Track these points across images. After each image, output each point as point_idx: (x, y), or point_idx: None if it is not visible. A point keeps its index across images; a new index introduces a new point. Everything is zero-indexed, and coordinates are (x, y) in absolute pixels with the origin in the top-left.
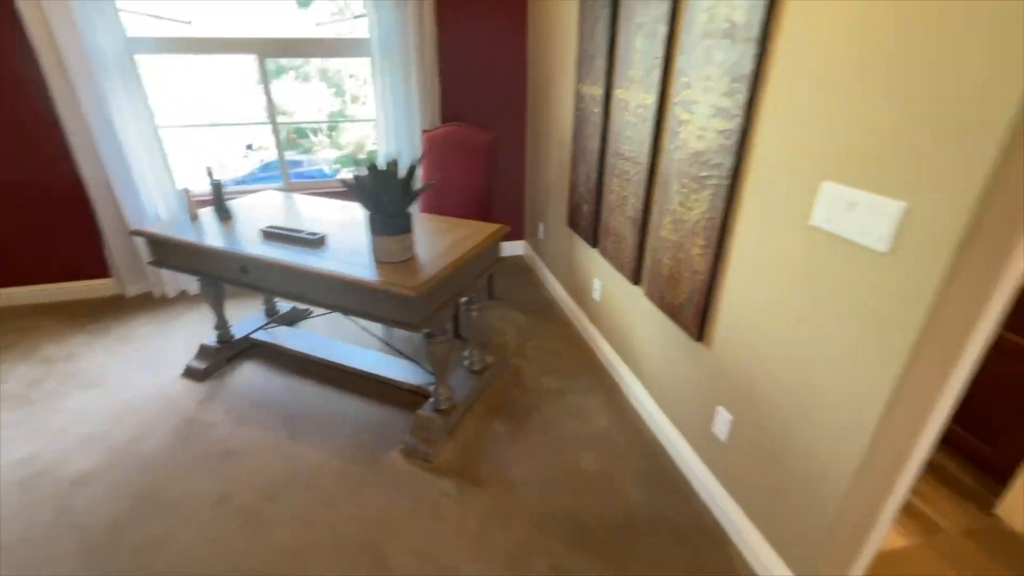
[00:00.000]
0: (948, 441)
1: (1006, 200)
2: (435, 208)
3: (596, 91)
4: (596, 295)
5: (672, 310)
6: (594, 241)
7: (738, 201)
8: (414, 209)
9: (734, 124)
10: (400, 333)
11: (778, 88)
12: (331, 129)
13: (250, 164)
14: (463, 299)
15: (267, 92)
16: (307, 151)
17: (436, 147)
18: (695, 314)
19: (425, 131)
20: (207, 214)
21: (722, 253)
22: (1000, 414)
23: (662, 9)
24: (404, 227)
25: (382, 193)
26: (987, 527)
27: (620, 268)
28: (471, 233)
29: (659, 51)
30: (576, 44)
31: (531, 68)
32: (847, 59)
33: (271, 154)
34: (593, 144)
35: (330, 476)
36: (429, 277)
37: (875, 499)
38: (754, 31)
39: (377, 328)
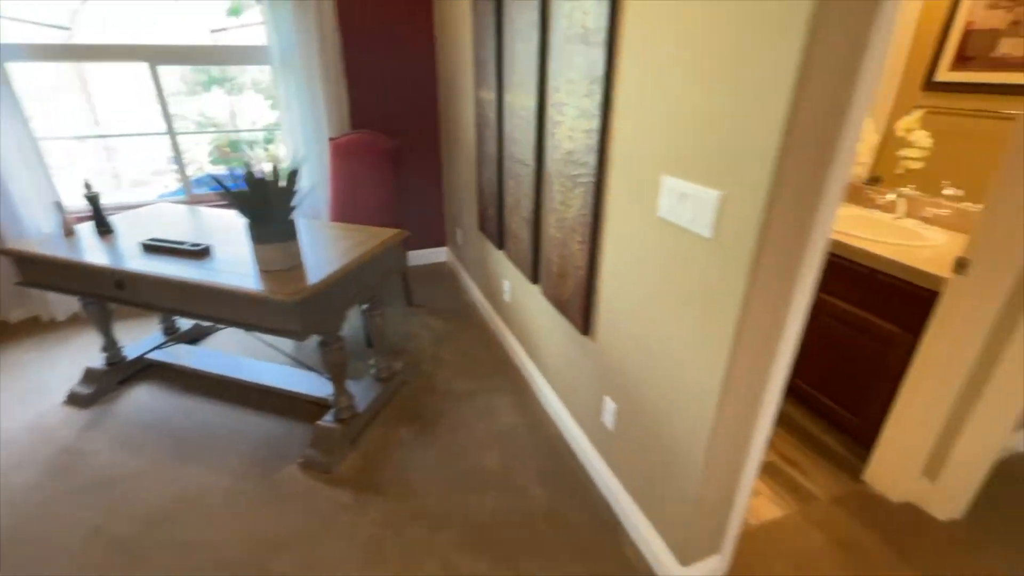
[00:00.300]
0: (822, 413)
1: (793, 188)
2: (344, 216)
3: (490, 96)
4: (507, 296)
5: (562, 305)
6: (500, 243)
7: (604, 197)
8: (323, 216)
9: (594, 124)
10: (308, 345)
11: (626, 89)
12: (267, 141)
13: (177, 178)
14: (364, 305)
15: (162, 101)
16: (244, 164)
17: (342, 155)
18: (580, 308)
19: (331, 139)
20: (87, 229)
21: (596, 248)
22: (859, 384)
23: (533, 16)
24: (286, 235)
25: (260, 201)
26: (855, 492)
27: (521, 268)
28: (366, 239)
29: (534, 56)
30: (472, 50)
31: (440, 74)
32: (671, 61)
33: (202, 167)
34: (491, 148)
35: (218, 497)
36: (310, 284)
37: (730, 471)
38: (601, 36)
39: (287, 343)
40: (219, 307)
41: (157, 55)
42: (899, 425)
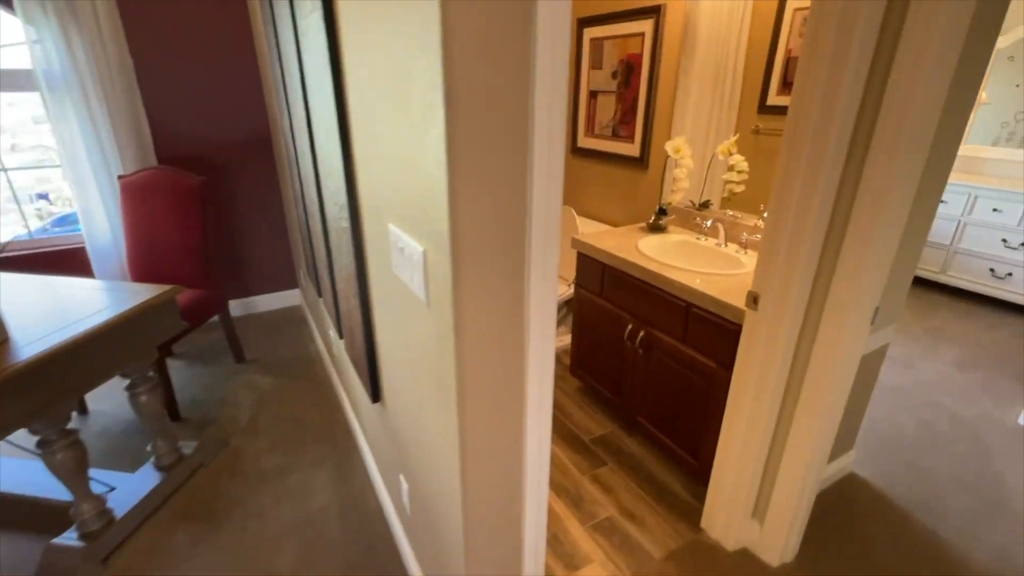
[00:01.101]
0: (667, 455)
1: (488, 240)
2: (143, 271)
3: (287, 126)
4: (335, 348)
5: (358, 367)
6: (319, 290)
7: (364, 245)
8: (127, 275)
9: (339, 162)
10: (86, 427)
11: (357, 122)
12: None
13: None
14: (126, 383)
15: None
16: None
17: (135, 195)
18: (366, 371)
19: (121, 177)
20: None
21: (367, 304)
22: (693, 423)
23: (292, 38)
24: None
25: None
26: (691, 544)
27: (332, 319)
28: (120, 300)
29: (298, 85)
30: (271, 75)
31: (268, 104)
32: (375, 94)
33: (68, 205)
34: (297, 186)
35: None
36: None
37: (504, 557)
38: (326, 68)
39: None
40: None
41: None
42: (723, 466)
